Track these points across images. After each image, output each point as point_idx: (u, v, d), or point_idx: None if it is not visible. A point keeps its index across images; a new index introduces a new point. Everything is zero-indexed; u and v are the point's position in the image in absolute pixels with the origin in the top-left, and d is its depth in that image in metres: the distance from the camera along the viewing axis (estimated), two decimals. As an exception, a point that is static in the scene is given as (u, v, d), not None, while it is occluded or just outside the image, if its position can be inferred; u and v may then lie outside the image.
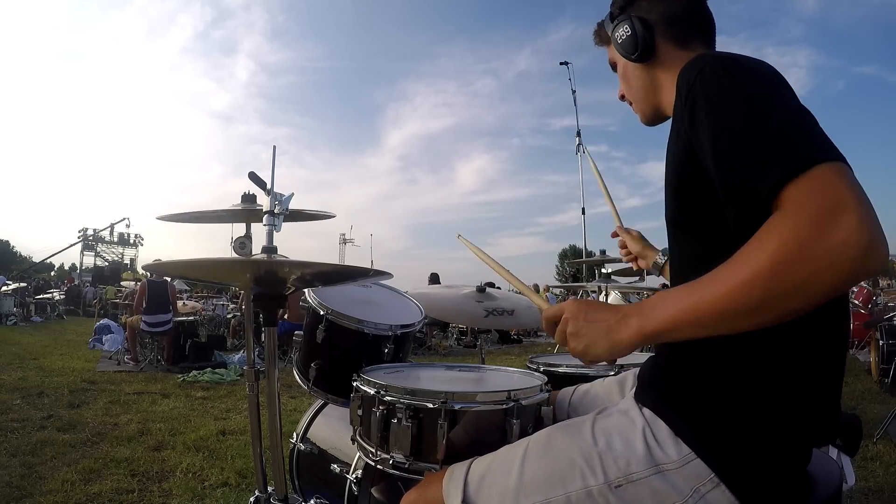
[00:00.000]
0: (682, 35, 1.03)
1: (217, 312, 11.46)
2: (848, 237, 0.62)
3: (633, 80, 1.10)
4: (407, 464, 1.12)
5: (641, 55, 1.04)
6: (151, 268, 1.48)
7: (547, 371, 1.71)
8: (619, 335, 0.79)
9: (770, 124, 0.72)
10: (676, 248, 0.97)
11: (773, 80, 0.79)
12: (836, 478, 0.98)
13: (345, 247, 40.35)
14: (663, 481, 0.82)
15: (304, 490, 1.83)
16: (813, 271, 0.63)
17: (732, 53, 0.86)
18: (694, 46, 1.03)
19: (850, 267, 0.63)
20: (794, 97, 0.78)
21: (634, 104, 1.13)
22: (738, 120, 0.75)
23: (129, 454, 3.21)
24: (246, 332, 1.53)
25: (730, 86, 0.78)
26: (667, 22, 1.03)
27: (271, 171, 1.36)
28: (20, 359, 7.06)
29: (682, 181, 0.88)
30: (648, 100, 1.09)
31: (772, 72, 0.81)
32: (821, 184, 0.66)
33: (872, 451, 3.20)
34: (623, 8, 1.07)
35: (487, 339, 10.45)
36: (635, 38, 1.02)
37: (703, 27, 1.05)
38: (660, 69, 1.05)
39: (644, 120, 1.12)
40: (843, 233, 0.62)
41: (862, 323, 6.74)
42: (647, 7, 1.04)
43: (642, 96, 1.09)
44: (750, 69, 0.81)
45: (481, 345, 2.01)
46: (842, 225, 0.62)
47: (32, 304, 15.78)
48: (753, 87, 0.77)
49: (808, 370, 0.83)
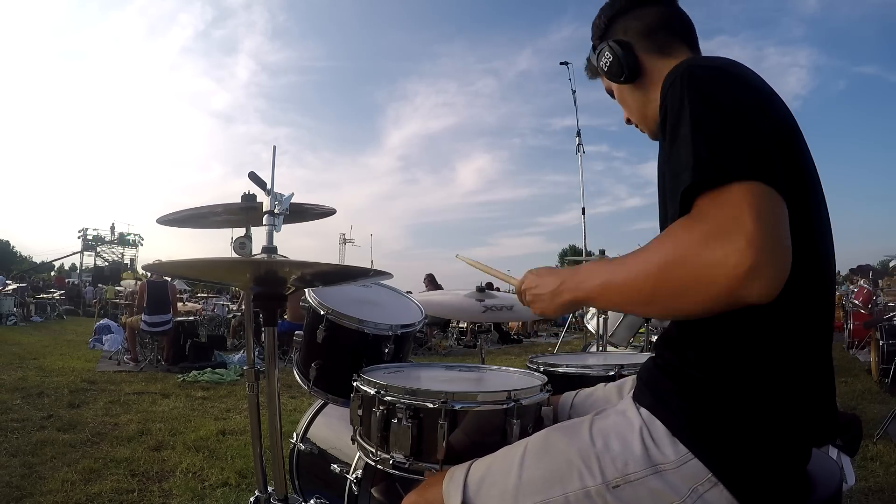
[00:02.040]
0: (661, 44, 1.04)
1: (217, 312, 11.47)
2: (727, 258, 0.65)
3: (630, 102, 1.11)
4: (407, 464, 1.12)
5: (629, 76, 1.04)
6: (151, 268, 1.48)
7: (547, 371, 1.70)
8: (560, 298, 0.94)
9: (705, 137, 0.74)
10: None
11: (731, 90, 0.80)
12: (836, 478, 0.98)
13: (345, 247, 40.41)
14: (661, 481, 0.82)
15: (304, 490, 1.83)
16: (692, 281, 0.68)
17: (714, 60, 0.87)
18: (677, 52, 1.03)
19: (725, 284, 0.65)
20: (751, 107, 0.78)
21: (639, 124, 1.13)
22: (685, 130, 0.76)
23: (129, 454, 3.21)
24: (246, 332, 1.53)
25: (688, 97, 0.79)
26: (644, 36, 1.04)
27: (271, 170, 1.36)
28: (20, 359, 7.06)
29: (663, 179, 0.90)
30: (648, 115, 1.08)
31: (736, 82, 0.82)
32: (727, 201, 0.68)
33: (872, 451, 3.20)
34: (601, 36, 1.09)
35: (487, 339, 10.45)
36: (618, 61, 1.04)
37: (682, 31, 1.06)
38: (650, 84, 1.05)
39: (652, 136, 1.12)
40: (724, 252, 0.65)
41: (862, 323, 6.75)
42: (622, 28, 1.06)
43: (643, 114, 1.09)
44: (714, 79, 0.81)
45: (481, 345, 2.01)
46: (727, 244, 0.65)
47: (32, 304, 15.77)
48: (706, 98, 0.78)
49: (802, 368, 0.83)
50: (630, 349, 4.13)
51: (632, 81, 1.06)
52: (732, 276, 0.64)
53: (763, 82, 0.89)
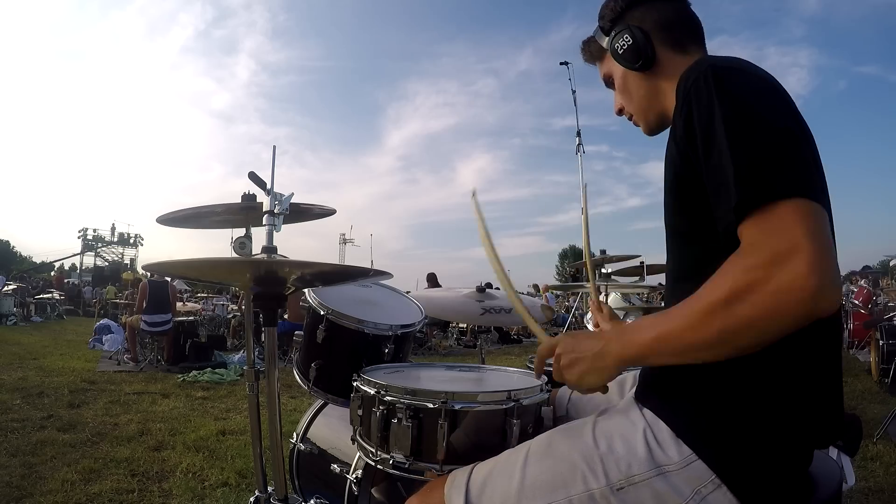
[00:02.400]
0: (677, 40, 1.03)
1: (217, 312, 11.48)
2: (794, 282, 0.65)
3: (634, 90, 1.08)
4: (407, 464, 1.12)
5: (645, 63, 1.02)
6: (151, 268, 1.48)
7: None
8: (603, 362, 0.84)
9: (745, 150, 0.73)
10: (671, 252, 0.98)
11: (763, 97, 0.79)
12: (837, 478, 0.98)
13: (345, 247, 40.40)
14: (665, 483, 0.82)
15: (304, 490, 1.83)
16: (762, 312, 0.67)
17: (732, 60, 0.85)
18: (691, 50, 1.03)
19: (796, 310, 0.65)
20: (784, 115, 0.78)
21: (637, 115, 1.11)
22: (720, 139, 0.75)
23: (129, 454, 3.21)
24: (246, 332, 1.53)
25: (718, 101, 0.77)
26: (661, 28, 1.03)
27: (271, 170, 1.36)
28: (20, 359, 7.05)
29: (677, 185, 0.89)
30: (652, 107, 1.07)
31: (765, 87, 0.81)
32: (777, 223, 0.68)
33: (872, 451, 3.20)
34: (616, 20, 1.06)
35: (487, 339, 10.44)
36: (636, 46, 1.01)
37: (696, 30, 1.05)
38: (661, 76, 1.03)
39: (648, 129, 1.11)
40: (790, 277, 0.65)
41: (862, 323, 6.74)
42: (640, 16, 1.04)
43: (646, 105, 1.07)
44: (743, 83, 0.80)
45: (481, 345, 2.02)
46: (790, 270, 0.65)
47: (32, 304, 15.78)
48: (740, 105, 0.77)
49: (809, 371, 0.83)
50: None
51: (646, 70, 1.03)
52: (802, 300, 0.65)
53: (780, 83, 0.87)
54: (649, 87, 1.05)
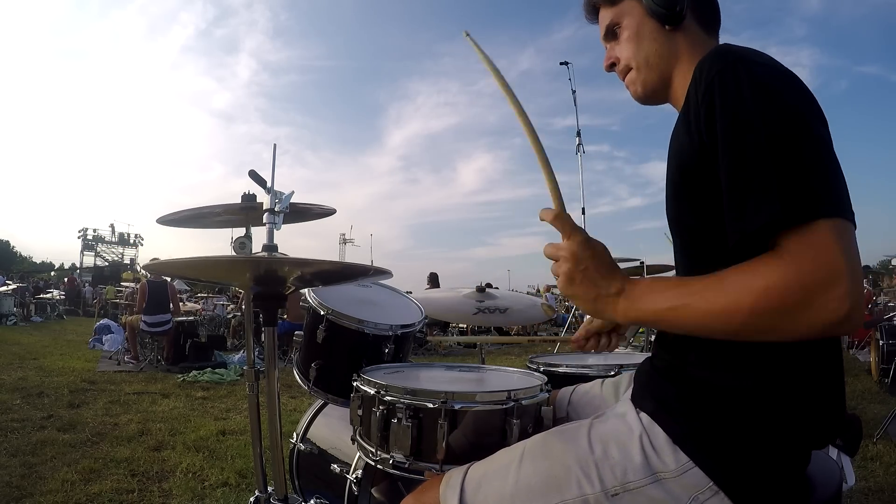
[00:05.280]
0: (706, 18, 0.99)
1: (217, 312, 11.47)
2: (829, 305, 0.66)
3: (647, 41, 0.99)
4: (407, 464, 1.12)
5: (675, 17, 0.95)
6: (151, 268, 1.47)
7: (547, 371, 1.70)
8: (604, 307, 0.81)
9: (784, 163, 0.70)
10: (678, 247, 0.96)
11: (801, 108, 0.76)
12: (836, 478, 0.98)
13: (345, 247, 40.31)
14: (661, 490, 0.81)
15: (304, 490, 1.83)
16: (787, 323, 0.68)
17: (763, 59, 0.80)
18: (713, 34, 1.00)
19: (823, 329, 0.67)
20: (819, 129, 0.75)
21: (638, 70, 1.01)
22: (754, 147, 0.72)
23: (129, 454, 3.21)
24: (246, 332, 1.53)
25: (753, 106, 0.73)
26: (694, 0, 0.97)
27: (272, 169, 1.36)
28: (20, 359, 7.06)
29: (686, 175, 0.85)
30: (658, 66, 0.99)
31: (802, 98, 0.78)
32: (818, 244, 0.68)
33: (872, 451, 3.20)
34: None
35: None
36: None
37: (718, 18, 1.02)
38: (680, 43, 0.97)
39: (643, 91, 1.02)
40: (826, 302, 0.66)
41: (862, 323, 6.74)
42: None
43: (655, 62, 0.99)
44: (780, 90, 0.76)
45: (481, 345, 2.01)
46: (829, 296, 0.66)
47: (32, 304, 15.78)
48: (778, 115, 0.73)
49: (810, 373, 0.81)
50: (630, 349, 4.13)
51: (672, 24, 0.96)
52: (831, 322, 0.66)
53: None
54: (665, 43, 0.98)
